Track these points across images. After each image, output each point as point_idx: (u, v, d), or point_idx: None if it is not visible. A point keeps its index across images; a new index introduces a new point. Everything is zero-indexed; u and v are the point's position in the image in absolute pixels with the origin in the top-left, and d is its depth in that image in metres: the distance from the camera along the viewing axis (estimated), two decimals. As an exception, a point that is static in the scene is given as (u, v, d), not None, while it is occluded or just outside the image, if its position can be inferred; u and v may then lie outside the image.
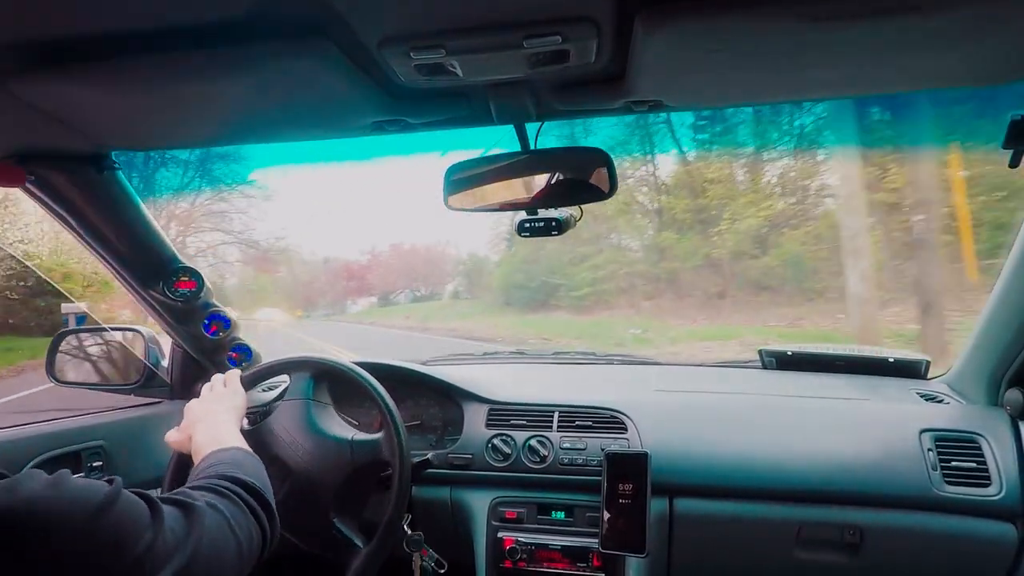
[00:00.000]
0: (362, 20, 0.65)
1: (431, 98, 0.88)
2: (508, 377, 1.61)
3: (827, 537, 1.14)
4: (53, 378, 1.47)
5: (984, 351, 1.23)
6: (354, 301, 28.47)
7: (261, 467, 0.84)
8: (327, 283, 28.65)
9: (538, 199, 0.98)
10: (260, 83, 0.78)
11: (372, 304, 27.12)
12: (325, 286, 28.19)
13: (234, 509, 0.68)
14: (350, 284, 28.62)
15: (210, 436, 0.89)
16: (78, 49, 0.69)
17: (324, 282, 28.80)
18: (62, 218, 1.16)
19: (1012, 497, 1.08)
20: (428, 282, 25.88)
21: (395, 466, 1.06)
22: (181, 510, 0.62)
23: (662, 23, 0.65)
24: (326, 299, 28.03)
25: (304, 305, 27.74)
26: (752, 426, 1.24)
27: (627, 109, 0.91)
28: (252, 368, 1.19)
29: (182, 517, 0.61)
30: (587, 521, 1.21)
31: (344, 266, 28.95)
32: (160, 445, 1.36)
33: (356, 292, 28.42)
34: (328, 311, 27.07)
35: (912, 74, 0.82)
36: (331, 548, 1.07)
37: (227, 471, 0.76)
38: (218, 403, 1.02)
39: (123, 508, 0.55)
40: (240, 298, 27.93)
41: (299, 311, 27.29)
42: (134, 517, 0.55)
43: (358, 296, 28.19)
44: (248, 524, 0.69)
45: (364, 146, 0.95)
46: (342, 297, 28.03)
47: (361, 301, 28.22)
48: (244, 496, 0.72)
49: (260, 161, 23.63)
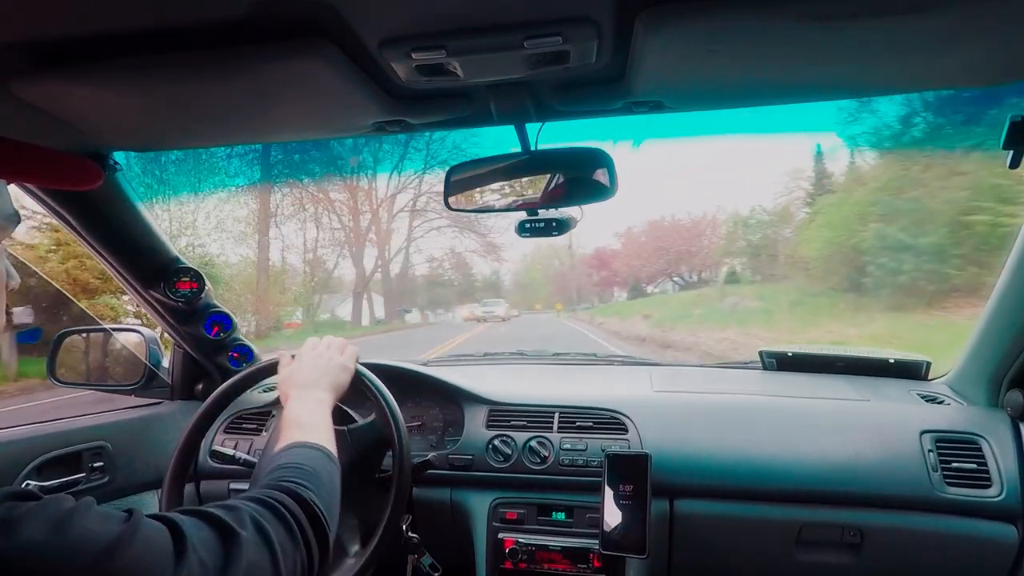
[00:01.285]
0: (363, 21, 0.65)
1: (432, 98, 0.88)
2: (508, 378, 1.61)
3: (828, 538, 1.14)
4: (54, 378, 1.47)
5: (984, 352, 1.23)
6: (610, 293, 25.51)
7: (336, 477, 0.77)
8: (582, 274, 26.43)
9: (539, 200, 0.98)
10: (261, 83, 0.78)
11: (623, 297, 24.53)
12: (581, 277, 25.96)
13: (284, 536, 0.61)
14: (601, 275, 25.68)
15: (300, 415, 0.84)
16: (78, 49, 0.69)
17: (579, 273, 26.62)
18: (63, 218, 1.16)
19: (1012, 498, 1.08)
20: (696, 263, 21.83)
21: (395, 467, 1.04)
22: (220, 535, 0.55)
23: (662, 24, 0.65)
24: (583, 292, 25.94)
25: (566, 298, 26.07)
26: (753, 427, 1.24)
27: (627, 110, 0.91)
28: (252, 366, 1.18)
29: (219, 546, 0.54)
30: (587, 522, 1.21)
31: (595, 254, 26.34)
32: (161, 445, 1.37)
33: (607, 283, 25.21)
34: (585, 304, 25.17)
35: (912, 74, 0.82)
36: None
37: (295, 481, 0.68)
38: (325, 375, 0.97)
39: (139, 546, 0.49)
40: (513, 293, 27.32)
41: (559, 304, 25.90)
42: (153, 556, 0.50)
43: (609, 287, 25.03)
44: (295, 556, 0.61)
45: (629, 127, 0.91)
46: (604, 287, 25.16)
47: (619, 293, 25.49)
48: (302, 523, 0.64)
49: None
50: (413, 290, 27.64)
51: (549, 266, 28.65)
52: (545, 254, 29.37)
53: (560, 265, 28.00)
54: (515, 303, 25.74)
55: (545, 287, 28.93)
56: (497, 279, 34.69)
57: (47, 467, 1.17)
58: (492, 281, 35.14)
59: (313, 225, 22.56)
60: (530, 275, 27.11)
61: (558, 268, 28.73)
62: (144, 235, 1.30)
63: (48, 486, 1.16)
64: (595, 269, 26.89)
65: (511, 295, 28.00)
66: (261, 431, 1.41)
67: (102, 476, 1.27)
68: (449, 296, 30.11)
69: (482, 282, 34.77)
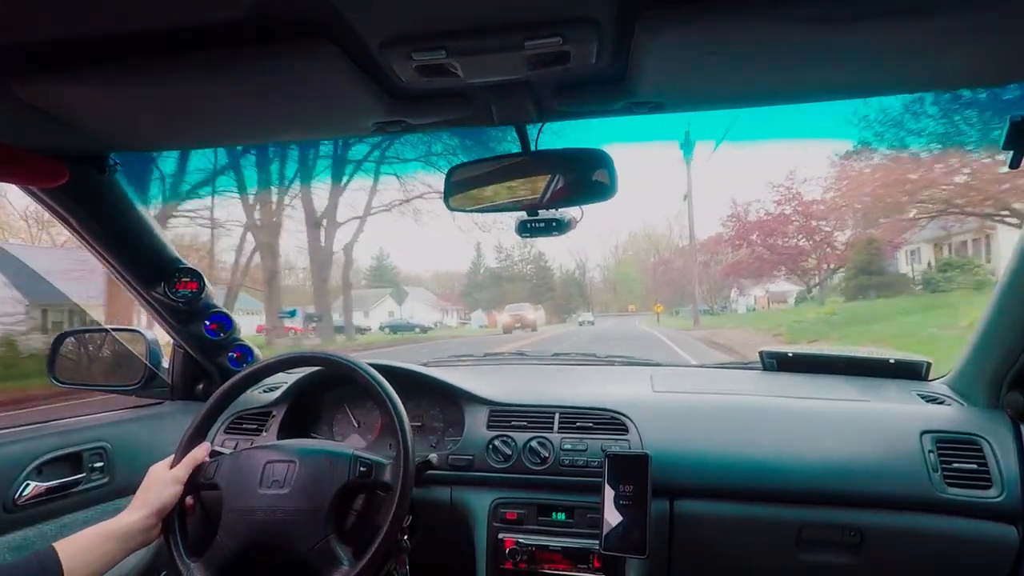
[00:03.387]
0: (364, 22, 0.65)
1: (432, 99, 0.88)
2: (509, 378, 1.61)
3: (828, 538, 1.14)
4: (54, 379, 1.48)
5: (985, 353, 1.23)
6: (739, 290, 19.29)
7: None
8: (687, 268, 19.90)
9: (539, 200, 0.98)
10: (261, 84, 0.78)
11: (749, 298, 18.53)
12: (691, 273, 19.61)
13: None
14: (737, 256, 18.49)
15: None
16: (78, 49, 0.69)
17: (683, 267, 20.15)
18: (63, 218, 1.16)
19: (1013, 499, 1.08)
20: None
21: (398, 473, 1.00)
22: None
23: (663, 24, 0.65)
24: (703, 289, 19.75)
25: (669, 299, 20.13)
26: (753, 427, 1.24)
27: (628, 110, 0.91)
28: (252, 365, 1.18)
29: None
30: (588, 522, 1.21)
31: (711, 240, 19.31)
32: (161, 445, 1.37)
33: (750, 270, 18.38)
34: (705, 306, 19.59)
35: (913, 75, 0.82)
36: (324, 560, 0.98)
37: None
38: None
39: None
40: (603, 292, 21.50)
41: (659, 306, 20.18)
42: None
43: (758, 276, 18.23)
44: None
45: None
46: (743, 275, 18.72)
47: (754, 290, 19.08)
48: None
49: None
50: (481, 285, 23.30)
51: (645, 259, 22.77)
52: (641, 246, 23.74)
53: (659, 256, 21.02)
54: (605, 304, 21.34)
55: (639, 283, 23.41)
56: (582, 276, 29.49)
57: (47, 467, 1.17)
58: (574, 278, 30.45)
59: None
60: (621, 270, 21.93)
61: (656, 260, 21.72)
62: (144, 235, 1.30)
63: (48, 486, 1.16)
64: (730, 247, 18.19)
65: (602, 295, 23.11)
66: (261, 431, 1.41)
67: (102, 476, 1.27)
68: (520, 293, 26.57)
69: (562, 278, 30.49)
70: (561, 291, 30.89)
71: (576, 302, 31.28)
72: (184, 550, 0.99)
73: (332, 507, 0.98)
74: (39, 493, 1.15)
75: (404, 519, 1.01)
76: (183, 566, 0.97)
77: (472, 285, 28.61)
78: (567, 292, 30.30)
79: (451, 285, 26.97)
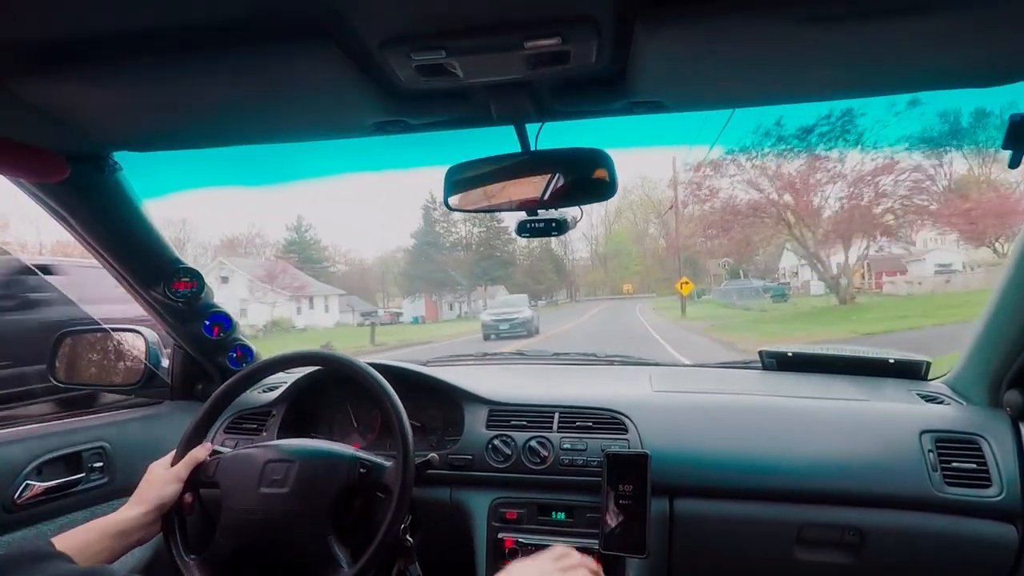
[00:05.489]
0: (363, 21, 0.65)
1: (431, 99, 0.88)
2: (508, 378, 1.61)
3: (827, 538, 1.14)
4: (54, 378, 1.48)
5: (984, 352, 1.23)
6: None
7: None
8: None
9: (538, 200, 0.98)
10: (261, 84, 0.78)
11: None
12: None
13: None
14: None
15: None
16: (78, 49, 0.69)
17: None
18: (62, 218, 1.16)
19: (1012, 498, 1.08)
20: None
21: (398, 475, 0.99)
22: None
23: (662, 24, 0.65)
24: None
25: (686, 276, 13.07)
26: (752, 427, 1.24)
27: (627, 110, 0.91)
28: (252, 365, 1.17)
29: None
30: (587, 522, 1.21)
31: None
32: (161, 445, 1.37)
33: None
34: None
35: (912, 74, 0.82)
36: (323, 560, 0.98)
37: None
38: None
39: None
40: (586, 274, 15.00)
41: (686, 283, 12.78)
42: None
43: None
44: None
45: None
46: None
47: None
48: None
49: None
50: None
51: (643, 228, 15.07)
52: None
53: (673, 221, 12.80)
54: (593, 285, 15.02)
55: (640, 261, 16.46)
56: (561, 250, 19.38)
57: (47, 467, 1.17)
58: (549, 250, 19.31)
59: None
60: (614, 242, 14.89)
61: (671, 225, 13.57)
62: (144, 235, 1.30)
63: (48, 486, 1.16)
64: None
65: (589, 273, 16.46)
66: (261, 431, 1.41)
67: (102, 476, 1.27)
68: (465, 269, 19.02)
69: (529, 249, 20.17)
70: (529, 266, 22.35)
71: (551, 281, 22.63)
72: (184, 548, 0.99)
73: (331, 508, 0.98)
74: (39, 493, 1.15)
75: (403, 520, 1.01)
76: (183, 563, 0.97)
77: (390, 261, 20.86)
78: (537, 267, 21.81)
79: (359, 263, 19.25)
